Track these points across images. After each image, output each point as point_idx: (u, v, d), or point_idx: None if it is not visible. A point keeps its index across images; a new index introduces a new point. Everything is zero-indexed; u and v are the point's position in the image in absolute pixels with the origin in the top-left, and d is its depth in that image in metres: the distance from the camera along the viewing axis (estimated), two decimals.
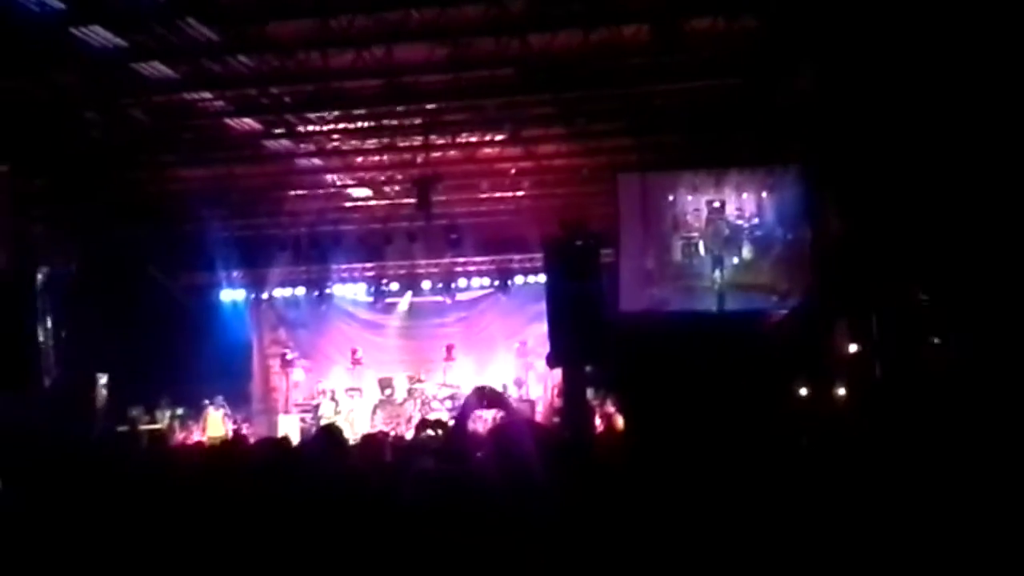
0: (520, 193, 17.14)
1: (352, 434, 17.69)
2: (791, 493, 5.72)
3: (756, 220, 13.78)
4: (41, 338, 16.35)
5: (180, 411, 18.50)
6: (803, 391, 14.69)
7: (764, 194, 13.81)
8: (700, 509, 5.36)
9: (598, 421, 16.54)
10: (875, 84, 10.87)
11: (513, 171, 16.04)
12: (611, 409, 17.00)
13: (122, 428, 17.21)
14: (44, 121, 12.47)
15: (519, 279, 19.70)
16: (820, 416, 13.10)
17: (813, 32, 10.43)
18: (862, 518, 5.25)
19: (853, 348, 14.11)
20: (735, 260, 13.90)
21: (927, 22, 9.60)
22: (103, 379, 17.63)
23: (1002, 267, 9.93)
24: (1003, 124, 9.47)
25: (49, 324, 16.66)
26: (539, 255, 17.52)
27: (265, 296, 20.71)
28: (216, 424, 18.30)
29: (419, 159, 15.27)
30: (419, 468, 5.93)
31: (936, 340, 11.92)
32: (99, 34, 10.33)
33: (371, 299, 20.62)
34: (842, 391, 14.16)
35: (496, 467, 5.64)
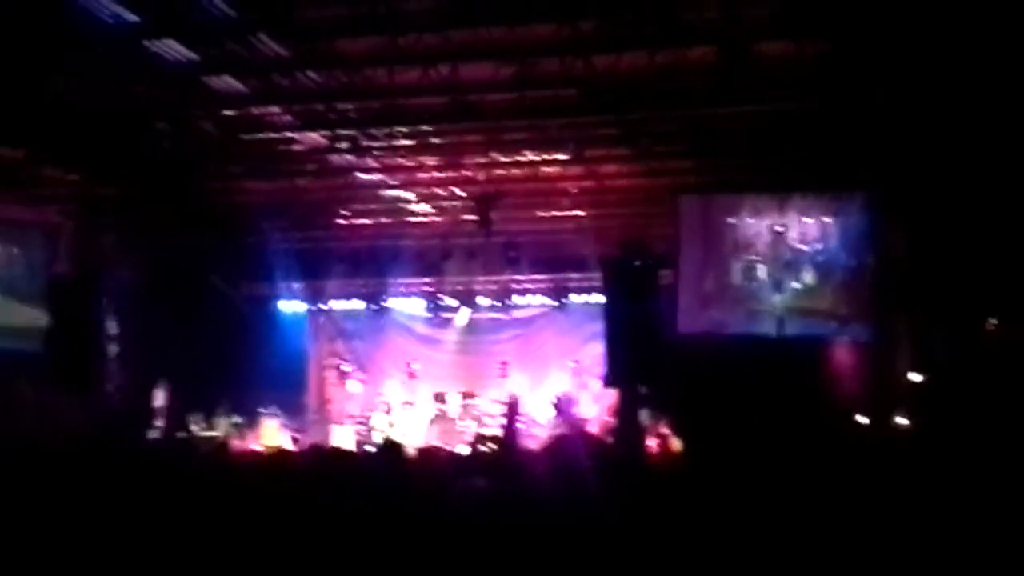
0: (580, 212, 17.14)
1: (407, 448, 17.79)
2: (847, 519, 5.67)
3: (819, 245, 13.66)
4: (105, 343, 16.67)
5: (238, 419, 18.70)
6: (863, 420, 14.52)
7: (828, 219, 13.68)
8: (754, 530, 5.33)
9: (653, 442, 16.46)
10: (944, 110, 10.75)
11: (574, 190, 16.03)
12: (666, 430, 16.91)
13: (181, 435, 17.46)
14: (116, 131, 12.72)
15: (576, 298, 19.68)
16: (880, 446, 12.95)
17: (881, 57, 10.34)
18: (917, 547, 5.18)
19: (915, 377, 13.92)
20: (796, 285, 13.80)
21: (998, 48, 9.49)
22: (165, 386, 17.91)
23: None
24: None
25: (113, 330, 16.97)
26: (597, 275, 17.49)
27: (324, 308, 20.91)
28: (272, 433, 18.47)
29: (481, 176, 15.34)
30: (466, 485, 5.95)
31: (1007, 373, 11.72)
32: (172, 47, 10.52)
33: (428, 314, 20.72)
34: (903, 421, 13.97)
35: (551, 482, 5.65)
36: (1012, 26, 8.99)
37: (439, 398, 19.78)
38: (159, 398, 17.90)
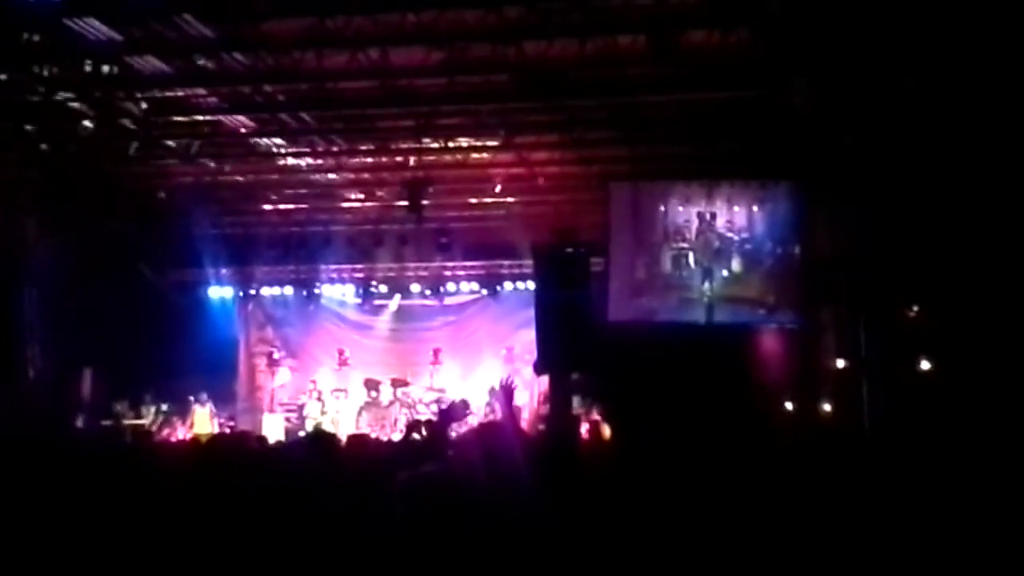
0: (511, 199, 17.14)
1: (337, 435, 17.68)
2: (775, 504, 5.74)
3: (746, 233, 13.82)
4: (27, 331, 16.31)
5: (165, 407, 18.48)
6: (789, 405, 14.74)
7: (755, 207, 13.85)
8: (684, 516, 5.37)
9: (584, 429, 16.53)
10: (869, 100, 10.91)
11: (505, 177, 16.02)
12: (597, 417, 17.01)
13: (106, 423, 17.19)
14: (36, 114, 12.42)
15: (508, 285, 19.72)
16: (804, 431, 13.15)
17: (808, 47, 10.45)
18: (843, 530, 5.26)
19: (840, 364, 14.15)
20: (724, 272, 13.94)
21: (922, 38, 9.63)
22: (89, 373, 17.60)
23: (995, 285, 9.96)
24: (997, 141, 9.50)
25: (36, 317, 16.61)
26: (529, 262, 17.50)
27: (253, 294, 20.69)
28: (203, 421, 18.25)
29: (411, 162, 15.26)
30: (407, 475, 5.87)
31: (929, 362, 11.94)
32: (94, 27, 10.27)
33: (359, 300, 20.60)
34: (827, 407, 14.19)
35: (481, 466, 5.62)
36: (936, 15, 9.13)
37: (370, 385, 19.65)
38: (85, 386, 17.59)
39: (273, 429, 18.60)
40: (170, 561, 5.39)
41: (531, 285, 17.49)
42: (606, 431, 16.05)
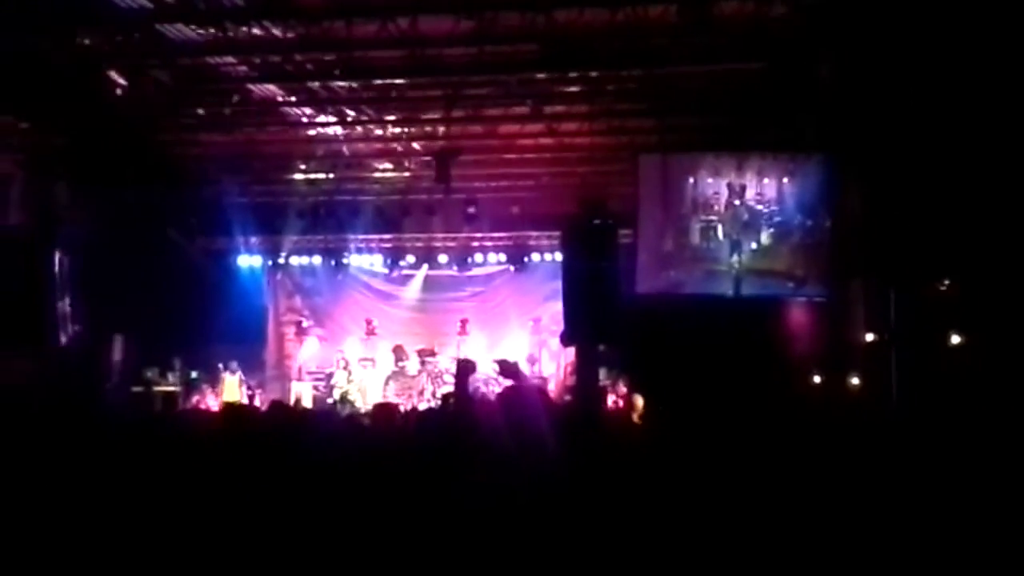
0: (540, 170, 17.09)
1: (364, 404, 17.82)
2: (801, 477, 5.72)
3: (776, 206, 13.69)
4: (59, 297, 16.46)
5: (194, 374, 18.61)
6: (816, 379, 14.69)
7: (785, 180, 13.71)
8: (708, 489, 5.37)
9: (610, 400, 16.56)
10: (901, 71, 10.79)
11: (534, 148, 15.97)
12: (623, 389, 17.01)
13: (137, 389, 17.37)
14: (68, 80, 12.47)
15: (536, 256, 19.69)
16: (833, 405, 13.11)
17: (840, 19, 10.34)
18: (870, 509, 5.24)
19: (869, 337, 14.08)
20: (753, 245, 13.84)
21: (955, 8, 9.51)
22: (119, 340, 17.76)
23: None
24: None
25: (67, 283, 16.75)
26: (557, 233, 17.46)
27: (282, 263, 20.77)
28: (232, 389, 18.39)
29: (440, 132, 15.24)
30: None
31: (959, 336, 11.86)
32: None
33: (387, 270, 20.65)
34: (856, 381, 14.14)
35: (507, 432, 5.63)
36: None
37: (398, 353, 19.72)
38: (115, 352, 17.76)
39: (301, 398, 18.75)
40: (198, 522, 5.40)
41: (559, 256, 17.47)
42: (638, 402, 16.06)
